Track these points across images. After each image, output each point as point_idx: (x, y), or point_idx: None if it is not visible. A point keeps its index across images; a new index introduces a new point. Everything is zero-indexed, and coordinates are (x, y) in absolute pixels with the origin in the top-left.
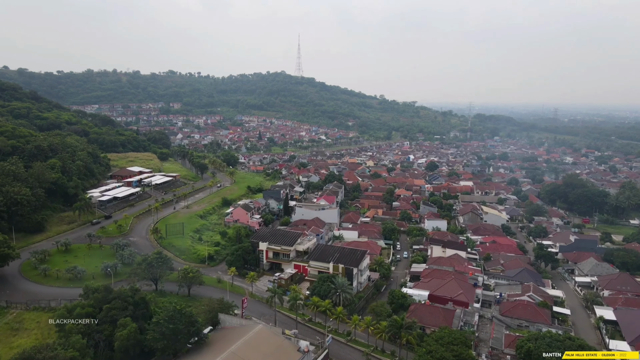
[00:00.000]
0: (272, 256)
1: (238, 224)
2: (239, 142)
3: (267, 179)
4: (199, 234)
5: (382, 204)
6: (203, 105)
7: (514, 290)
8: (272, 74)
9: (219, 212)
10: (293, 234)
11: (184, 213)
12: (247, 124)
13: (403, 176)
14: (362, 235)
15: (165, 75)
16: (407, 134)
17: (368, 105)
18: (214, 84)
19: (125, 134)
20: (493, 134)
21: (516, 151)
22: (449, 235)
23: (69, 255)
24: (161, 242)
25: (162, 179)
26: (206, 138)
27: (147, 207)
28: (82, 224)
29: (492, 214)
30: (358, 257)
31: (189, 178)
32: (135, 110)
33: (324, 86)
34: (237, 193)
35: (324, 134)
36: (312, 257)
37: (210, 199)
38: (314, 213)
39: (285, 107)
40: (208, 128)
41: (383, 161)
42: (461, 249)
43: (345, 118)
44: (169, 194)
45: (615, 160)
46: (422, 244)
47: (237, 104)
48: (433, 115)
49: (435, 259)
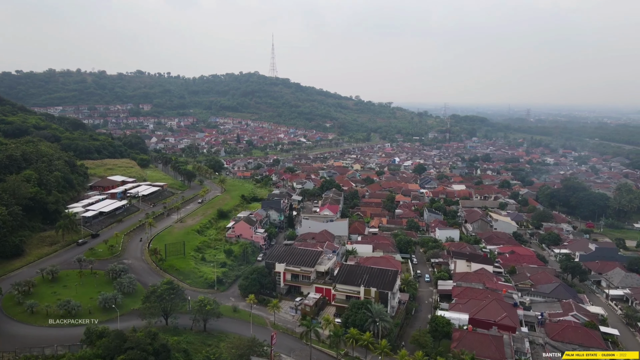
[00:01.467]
0: (290, 278)
1: (241, 239)
2: (217, 145)
3: (258, 187)
4: (201, 252)
5: (384, 212)
6: (174, 106)
7: (553, 309)
8: (245, 75)
9: (216, 225)
10: (312, 252)
11: (179, 228)
12: (222, 126)
13: (394, 180)
14: (377, 249)
15: (133, 75)
16: (386, 135)
17: (344, 106)
18: (184, 85)
19: (99, 139)
20: (471, 135)
21: (496, 152)
22: (467, 247)
23: (57, 285)
24: (161, 265)
25: (149, 189)
26: (182, 141)
27: (138, 222)
28: (66, 245)
29: (502, 221)
30: (390, 278)
31: (176, 187)
32: (102, 112)
33: (299, 87)
34: (231, 203)
35: (303, 136)
36: (339, 279)
37: (204, 211)
38: (321, 225)
39: (260, 108)
40: (182, 131)
41: (369, 164)
42: (486, 262)
43: (323, 119)
44: (158, 205)
45: (593, 161)
46: (440, 256)
47: (210, 105)
48: (409, 116)
49: (462, 275)
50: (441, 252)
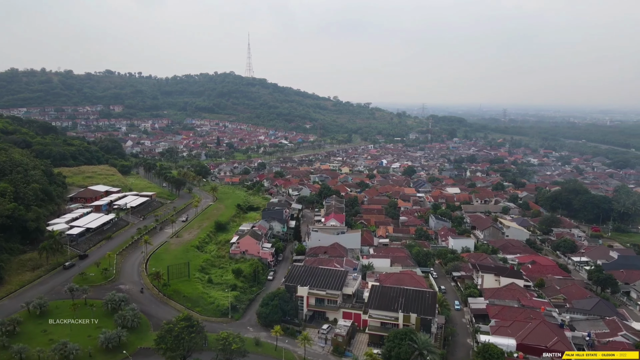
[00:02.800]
0: (314, 303)
1: (247, 255)
2: (196, 148)
3: (250, 194)
4: (206, 273)
5: (387, 219)
6: (147, 108)
7: (599, 328)
8: (220, 75)
9: (215, 239)
10: (337, 273)
11: (176, 244)
12: (199, 128)
13: (389, 184)
14: (395, 263)
15: (102, 75)
16: (367, 137)
17: (323, 107)
18: (157, 85)
19: (74, 144)
20: (451, 136)
21: (479, 153)
22: (487, 258)
23: (46, 320)
24: (165, 291)
25: (137, 200)
26: (160, 145)
27: (130, 239)
28: (50, 269)
29: (513, 228)
30: (429, 301)
31: (164, 196)
32: (70, 114)
33: (276, 87)
34: (227, 214)
35: (284, 138)
36: (373, 304)
37: (199, 223)
38: (332, 238)
39: (238, 109)
40: (157, 133)
41: (357, 167)
42: (515, 276)
43: (302, 120)
44: (149, 218)
45: (575, 160)
46: (461, 269)
47: (184, 106)
48: (388, 116)
49: (493, 291)
50: (462, 265)
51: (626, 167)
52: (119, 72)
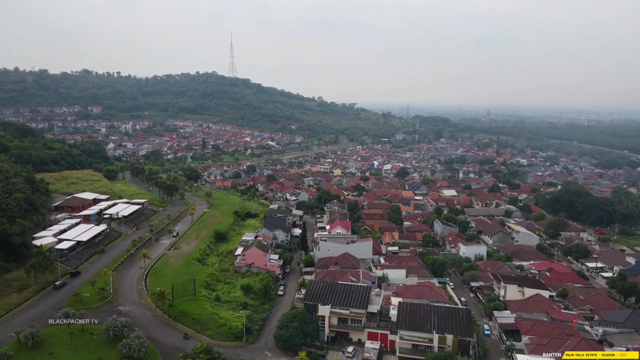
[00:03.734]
0: (336, 323)
1: (253, 268)
2: (181, 150)
3: (245, 199)
4: (212, 289)
5: (391, 224)
6: (127, 108)
7: (635, 342)
8: (202, 75)
9: (216, 250)
10: (360, 289)
11: (175, 257)
12: (182, 129)
13: (385, 187)
14: (410, 274)
15: (79, 75)
16: (354, 137)
17: (307, 108)
18: (137, 85)
19: (55, 147)
20: (438, 136)
21: (467, 153)
22: (504, 266)
23: (40, 353)
24: (170, 312)
25: (128, 208)
26: (143, 147)
27: (125, 252)
28: (40, 290)
29: (523, 233)
30: (464, 319)
31: (156, 203)
32: (47, 115)
33: (260, 88)
34: (224, 221)
35: (270, 139)
36: (402, 324)
37: (197, 232)
38: (341, 247)
39: (221, 110)
40: (138, 135)
41: (348, 169)
42: (539, 286)
43: (288, 121)
44: (143, 228)
45: (562, 161)
46: (479, 279)
47: (166, 107)
48: (374, 117)
49: (519, 304)
50: (479, 274)
51: (613, 167)
52: (97, 72)
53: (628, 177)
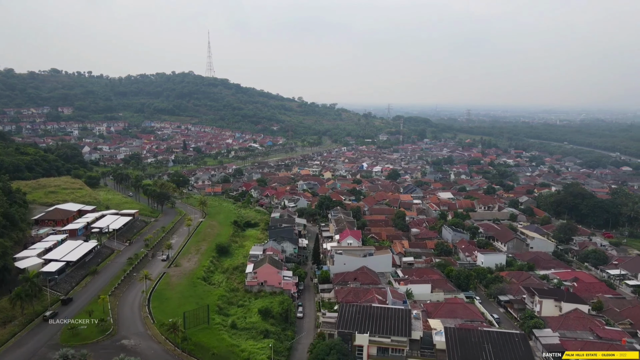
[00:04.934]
0: (375, 353)
1: (266, 287)
2: (161, 153)
3: (240, 206)
4: (225, 314)
5: (398, 232)
6: (100, 109)
7: None
8: (179, 75)
9: (220, 266)
10: (398, 313)
11: (177, 275)
12: (159, 131)
13: (377, 189)
14: (436, 289)
15: (48, 74)
16: (337, 138)
17: (288, 108)
18: (110, 85)
19: (29, 152)
20: (421, 137)
21: (453, 154)
22: (530, 276)
23: None
24: (183, 346)
25: (118, 220)
26: (120, 150)
27: (122, 272)
28: (27, 322)
29: (538, 239)
30: (521, 346)
31: (146, 214)
32: (14, 116)
33: (239, 88)
34: (224, 233)
35: (252, 141)
36: (454, 355)
37: (196, 246)
38: (358, 261)
39: (200, 111)
40: (113, 137)
41: (338, 171)
42: (576, 300)
43: (269, 122)
44: (137, 243)
45: (547, 161)
46: (508, 292)
47: (142, 108)
48: (355, 117)
49: (560, 321)
50: (507, 287)
51: (598, 166)
52: (66, 71)
53: (615, 177)
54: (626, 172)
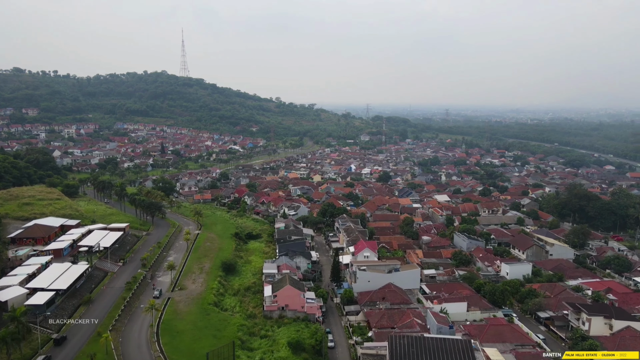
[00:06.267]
0: None
1: (288, 312)
2: (137, 157)
3: (235, 215)
4: (250, 349)
5: (408, 240)
6: (68, 111)
7: None
8: (151, 74)
9: (230, 287)
10: (455, 344)
11: (184, 300)
12: (133, 133)
13: (372, 193)
14: (471, 307)
15: (9, 73)
16: (318, 139)
17: (266, 109)
18: (78, 85)
19: None
20: (403, 137)
21: (438, 154)
22: (566, 289)
23: None
24: None
25: (107, 235)
26: (93, 154)
27: (122, 300)
28: None
29: (558, 246)
30: None
31: (136, 226)
32: None
33: (215, 88)
34: (226, 247)
35: (232, 143)
36: None
37: (198, 264)
38: (383, 277)
39: (175, 112)
40: (84, 140)
41: (327, 174)
42: (625, 316)
43: (248, 123)
44: (132, 262)
45: (531, 160)
46: (547, 308)
47: (113, 109)
48: (335, 118)
49: (615, 342)
50: (545, 302)
51: (582, 165)
52: (30, 71)
53: (602, 177)
54: (610, 171)
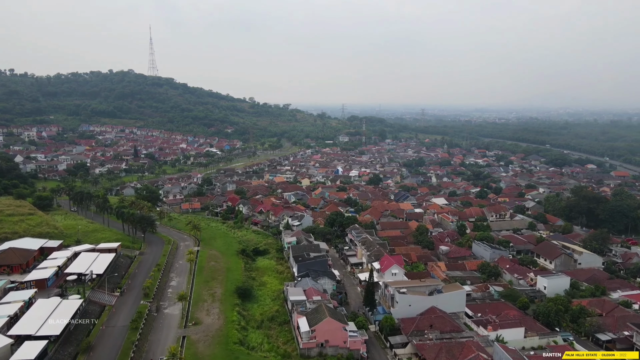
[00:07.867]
0: None
1: (328, 348)
2: (108, 161)
3: (232, 227)
4: None
5: (425, 251)
6: (28, 112)
7: None
8: (117, 74)
9: (251, 317)
10: None
11: (204, 340)
12: (100, 136)
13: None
14: (528, 332)
15: None
16: (296, 141)
17: (240, 109)
18: (37, 85)
19: None
20: (382, 137)
21: (420, 155)
22: (618, 306)
23: None
24: None
25: (97, 259)
26: (60, 159)
27: (128, 344)
28: None
29: (587, 254)
30: None
31: (127, 245)
32: None
33: (187, 88)
34: (233, 267)
35: (208, 145)
36: None
37: (208, 289)
38: (425, 300)
39: (145, 113)
40: (47, 143)
41: (314, 177)
42: None
43: (222, 125)
44: (131, 291)
45: (513, 159)
46: (606, 330)
47: (77, 110)
48: (311, 118)
49: None
50: (603, 323)
51: (564, 165)
52: None
53: (587, 176)
54: (594, 170)
